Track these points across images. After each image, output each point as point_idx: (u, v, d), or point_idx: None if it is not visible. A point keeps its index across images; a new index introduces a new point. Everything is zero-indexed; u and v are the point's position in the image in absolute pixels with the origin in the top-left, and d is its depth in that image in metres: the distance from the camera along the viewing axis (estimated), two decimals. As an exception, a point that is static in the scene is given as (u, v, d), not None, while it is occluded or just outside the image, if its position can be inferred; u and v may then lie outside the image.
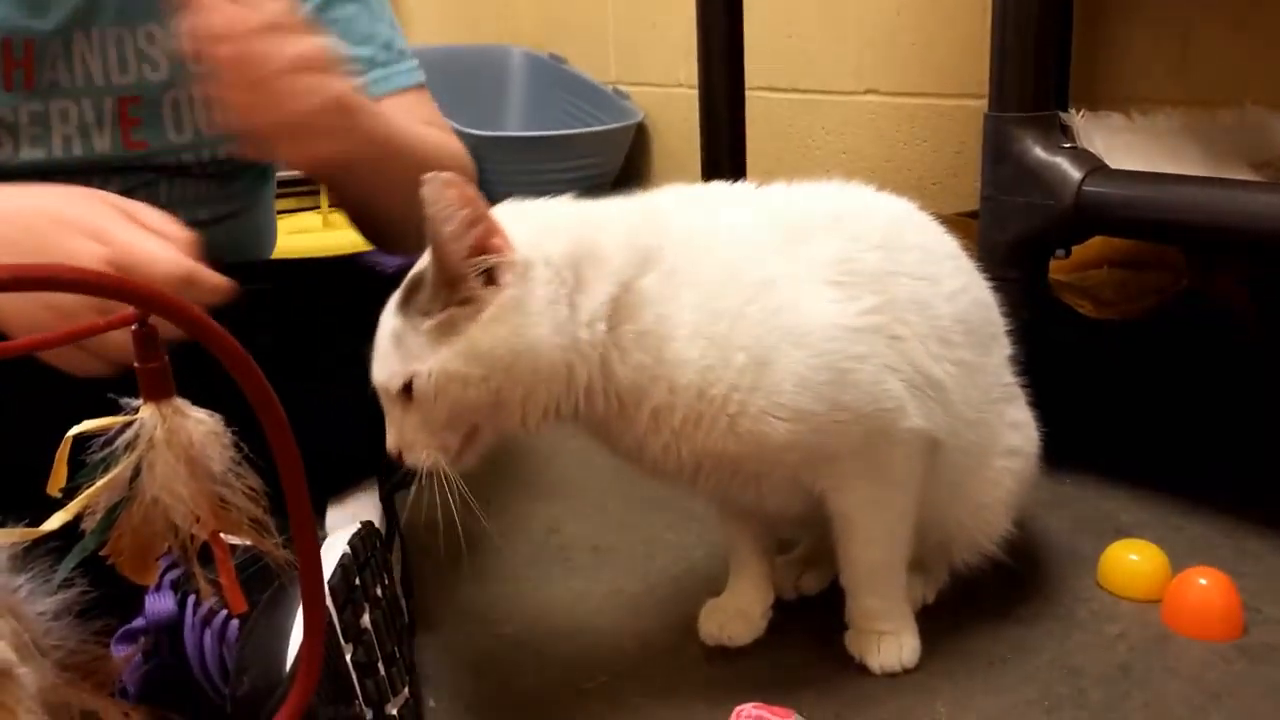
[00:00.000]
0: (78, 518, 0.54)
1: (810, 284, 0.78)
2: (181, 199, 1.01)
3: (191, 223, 0.99)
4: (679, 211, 0.81)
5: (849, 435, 0.79)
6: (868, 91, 2.09)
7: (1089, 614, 0.97)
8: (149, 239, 0.70)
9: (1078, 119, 1.17)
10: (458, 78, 2.68)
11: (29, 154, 0.92)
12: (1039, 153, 1.13)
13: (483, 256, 0.72)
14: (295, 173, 2.04)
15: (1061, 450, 1.24)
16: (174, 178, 1.00)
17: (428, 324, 0.73)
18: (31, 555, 0.56)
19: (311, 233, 1.94)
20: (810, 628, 0.96)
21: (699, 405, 0.76)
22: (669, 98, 2.60)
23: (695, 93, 2.51)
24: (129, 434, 0.52)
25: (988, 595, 1.00)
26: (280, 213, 2.02)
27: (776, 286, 0.77)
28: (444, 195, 0.70)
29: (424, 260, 0.74)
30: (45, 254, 0.68)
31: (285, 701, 0.59)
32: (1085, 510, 1.16)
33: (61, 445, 0.52)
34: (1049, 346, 1.19)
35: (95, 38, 0.92)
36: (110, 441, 0.53)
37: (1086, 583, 1.02)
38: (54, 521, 0.51)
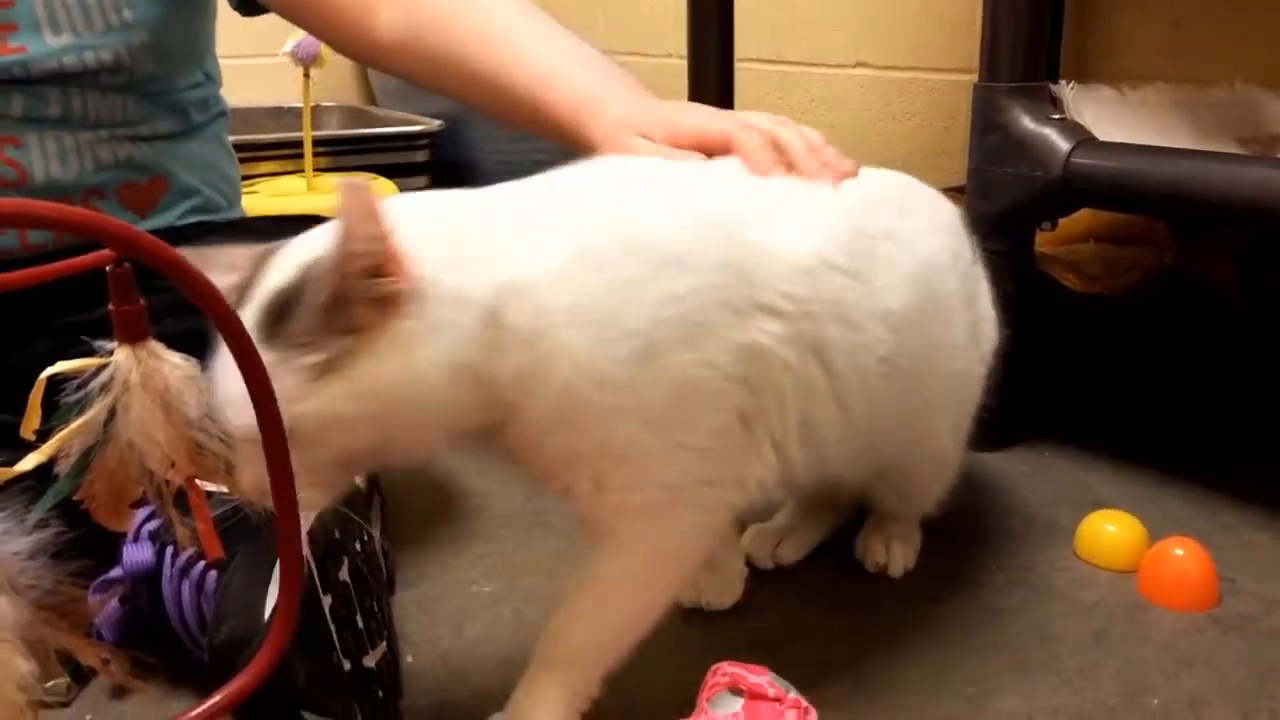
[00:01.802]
0: (51, 459, 0.53)
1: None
2: (99, 116, 1.00)
3: (117, 139, 1.00)
4: (576, 193, 0.74)
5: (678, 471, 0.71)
6: (858, 65, 2.08)
7: (1065, 583, 0.98)
8: None
9: (1067, 91, 1.16)
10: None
11: None
12: (1027, 123, 1.13)
13: (377, 280, 0.62)
14: (280, 135, 2.05)
15: (1042, 422, 1.25)
16: (74, 89, 0.97)
17: (308, 359, 0.61)
18: (6, 495, 0.55)
19: (295, 196, 1.93)
20: (787, 594, 0.96)
21: (565, 403, 0.68)
22: (658, 68, 2.59)
23: (685, 63, 2.51)
24: (103, 376, 0.52)
25: (965, 562, 1.01)
26: (263, 175, 2.01)
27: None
28: (352, 204, 0.60)
29: (289, 277, 0.63)
30: None
31: (261, 649, 0.59)
32: (1064, 481, 1.16)
33: (35, 387, 0.51)
34: (1033, 319, 1.20)
35: None
36: (85, 384, 0.52)
37: (1064, 552, 1.02)
38: (28, 462, 0.50)
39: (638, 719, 0.79)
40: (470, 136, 2.41)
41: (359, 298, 0.61)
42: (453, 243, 0.67)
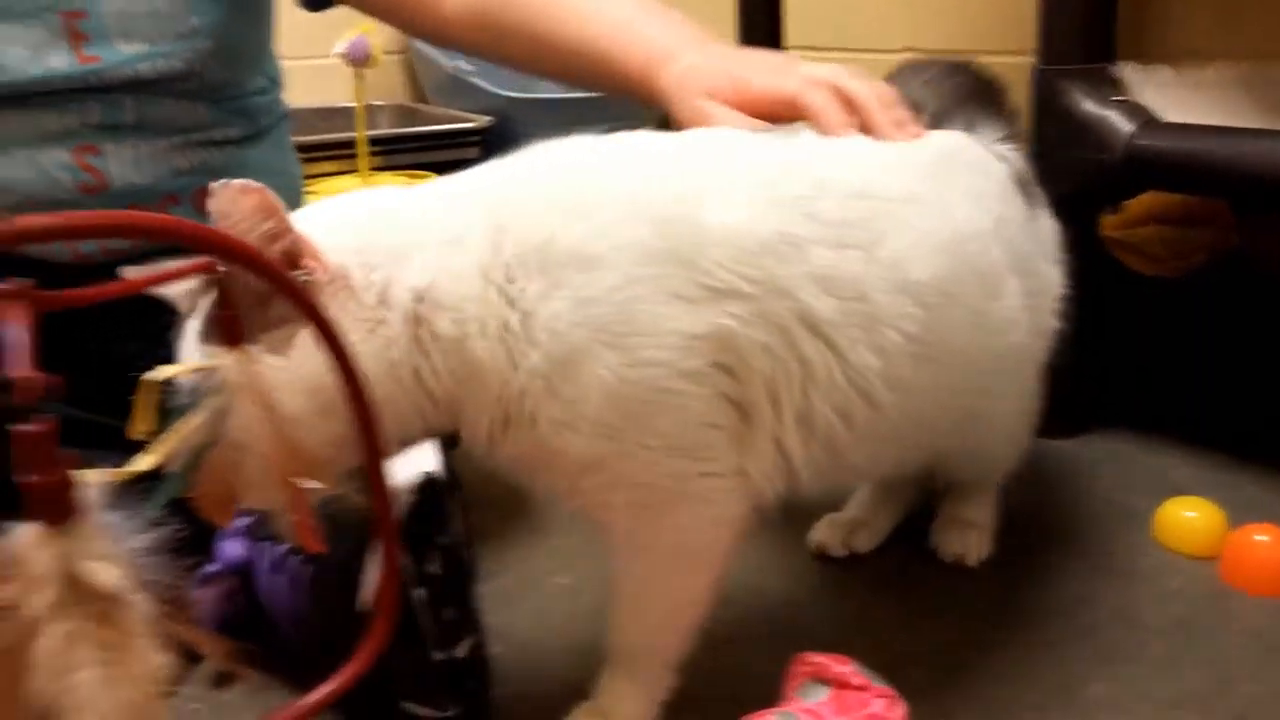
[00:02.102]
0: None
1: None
2: (173, 123, 1.02)
3: (190, 145, 1.02)
4: (509, 184, 0.71)
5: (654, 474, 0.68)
6: (904, 49, 2.07)
7: (1147, 569, 0.97)
8: None
9: (1128, 72, 1.15)
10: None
11: None
12: (1089, 106, 1.12)
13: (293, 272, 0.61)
14: (333, 136, 2.07)
15: (1113, 407, 1.24)
16: (146, 96, 0.99)
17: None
18: (120, 494, 0.56)
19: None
20: (864, 584, 0.97)
21: (500, 408, 0.66)
22: (798, 66, 2.58)
23: (827, 67, 2.50)
24: (211, 380, 0.53)
25: (1044, 551, 1.00)
26: (318, 176, 2.03)
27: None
28: (239, 206, 0.58)
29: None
30: None
31: (365, 640, 0.60)
32: (1138, 467, 1.15)
33: (143, 389, 0.53)
34: (1100, 303, 1.19)
35: None
36: (192, 388, 0.54)
37: (1143, 539, 1.02)
38: (144, 463, 0.51)
39: (723, 708, 0.79)
40: (520, 131, 2.42)
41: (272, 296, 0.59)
42: (372, 240, 0.65)
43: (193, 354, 0.63)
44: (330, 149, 2.04)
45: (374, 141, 2.08)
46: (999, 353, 0.81)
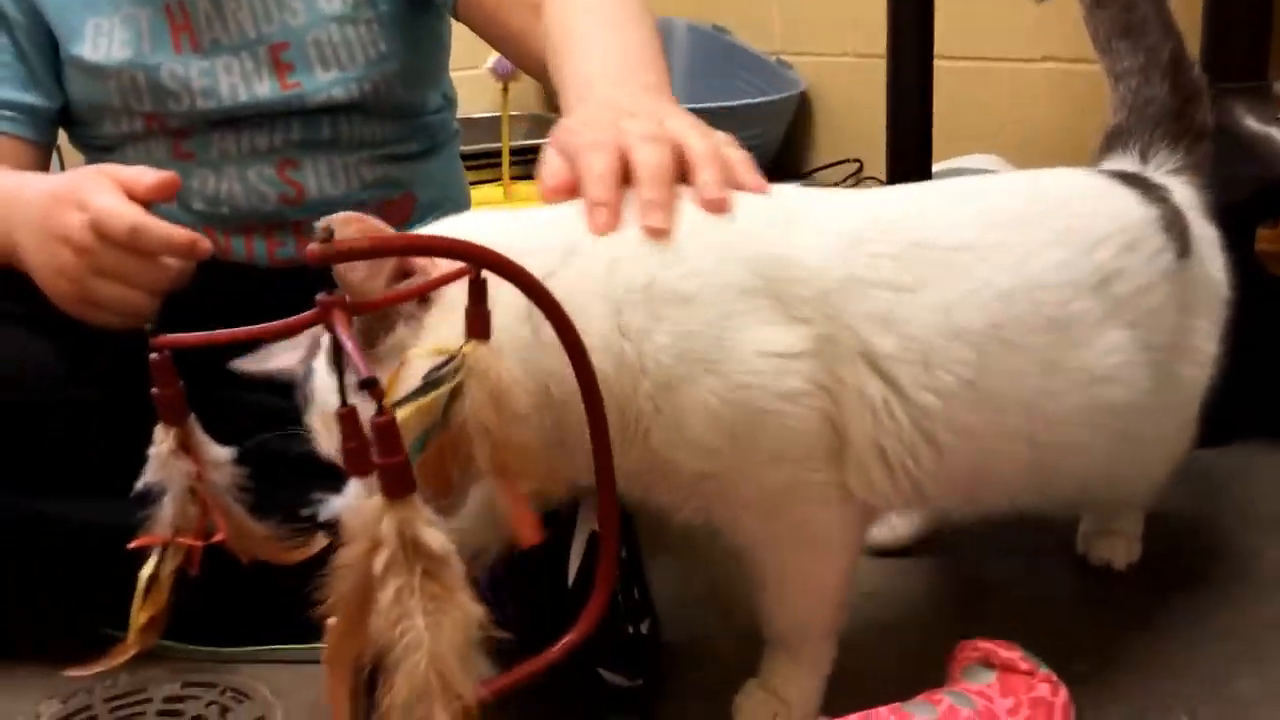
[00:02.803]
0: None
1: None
2: (362, 139, 1.11)
3: (376, 159, 1.11)
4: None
5: (764, 483, 0.72)
6: (1045, 58, 2.08)
7: (1292, 576, 0.99)
8: (115, 201, 0.80)
9: (1289, 88, 1.17)
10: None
11: (203, 104, 1.04)
12: (1251, 123, 1.14)
13: (408, 280, 0.66)
14: (477, 146, 2.16)
15: (1260, 419, 1.25)
16: (341, 116, 1.09)
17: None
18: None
19: (493, 205, 2.04)
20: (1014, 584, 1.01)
21: (619, 424, 0.69)
22: (834, 67, 2.62)
23: (860, 61, 2.54)
24: (451, 366, 0.61)
25: (1188, 557, 1.04)
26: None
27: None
28: (346, 231, 0.59)
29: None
30: (50, 226, 0.82)
31: (585, 611, 0.68)
32: (1281, 479, 1.17)
33: (397, 368, 0.61)
34: (1251, 315, 1.20)
35: None
36: (436, 370, 0.61)
37: (1292, 547, 1.04)
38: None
39: (888, 687, 0.84)
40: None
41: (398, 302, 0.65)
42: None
43: (328, 390, 0.67)
44: (475, 159, 2.12)
45: (514, 151, 2.16)
46: (1090, 407, 0.79)
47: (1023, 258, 0.77)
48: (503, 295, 0.61)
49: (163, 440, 0.62)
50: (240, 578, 0.71)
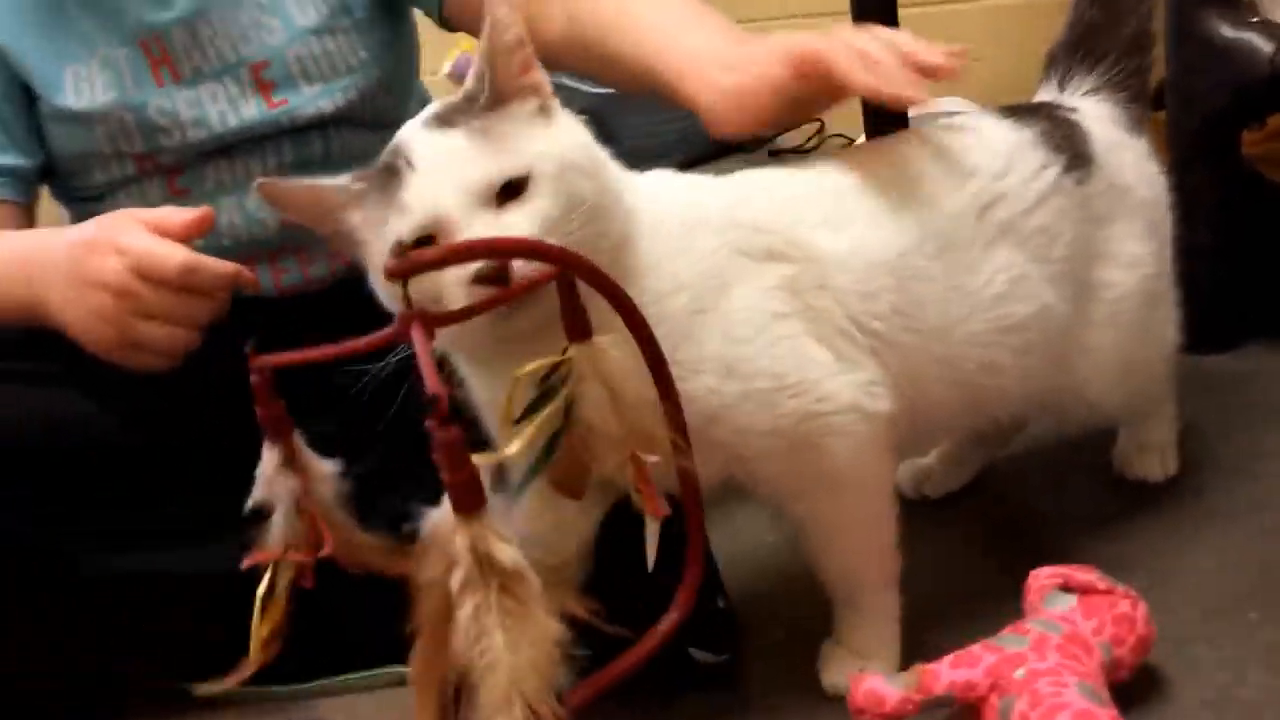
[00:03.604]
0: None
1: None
2: (353, 153, 1.07)
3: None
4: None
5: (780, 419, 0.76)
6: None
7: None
8: (155, 242, 0.82)
9: (1258, -8, 1.19)
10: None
11: (194, 135, 1.03)
12: (1226, 30, 1.16)
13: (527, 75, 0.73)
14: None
15: (1268, 321, 1.28)
16: (331, 130, 1.08)
17: (526, 107, 0.73)
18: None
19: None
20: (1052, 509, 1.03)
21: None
22: (785, 29, 2.61)
23: (812, 21, 2.53)
24: (561, 372, 0.61)
25: (1219, 459, 1.06)
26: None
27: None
28: (504, 10, 0.71)
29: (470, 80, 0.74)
30: (85, 274, 0.83)
31: (681, 592, 0.69)
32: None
33: (511, 384, 0.61)
34: (1243, 217, 1.23)
35: (215, 20, 1.03)
36: (546, 379, 0.62)
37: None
38: (513, 447, 0.60)
39: (964, 625, 0.85)
40: (612, 127, 2.49)
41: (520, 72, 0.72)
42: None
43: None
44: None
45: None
46: (995, 326, 0.85)
47: (912, 195, 0.84)
48: None
49: (269, 458, 0.63)
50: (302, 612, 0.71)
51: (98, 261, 0.82)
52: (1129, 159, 0.95)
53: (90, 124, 1.01)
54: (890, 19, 1.60)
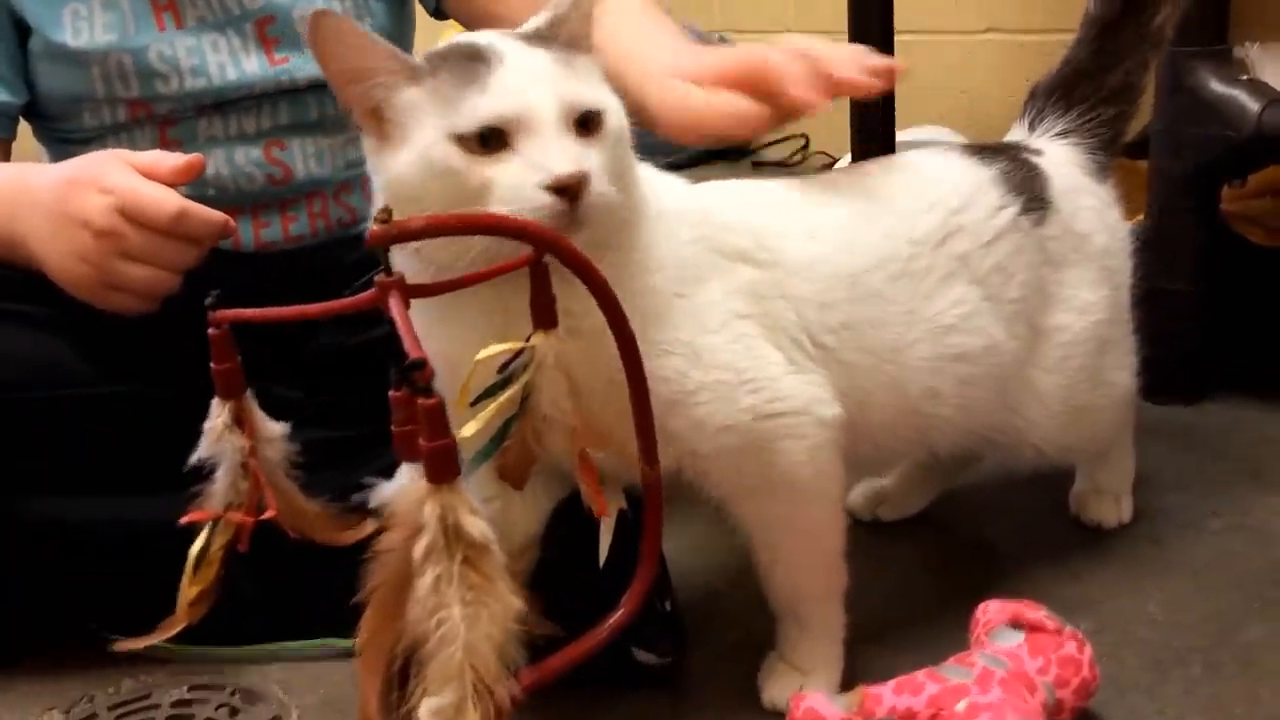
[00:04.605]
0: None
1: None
2: (346, 120, 1.07)
3: (359, 139, 1.07)
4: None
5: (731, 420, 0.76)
6: (988, 30, 2.10)
7: (1284, 526, 1.02)
8: (143, 184, 0.80)
9: (1251, 51, 1.20)
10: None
11: (192, 84, 1.00)
12: (1216, 85, 1.16)
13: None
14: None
15: (1237, 374, 1.29)
16: (327, 94, 1.04)
17: (594, 62, 0.73)
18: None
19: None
20: (1009, 541, 1.03)
21: None
22: (775, 44, 2.62)
23: (802, 38, 2.54)
24: (523, 359, 0.60)
25: (1181, 511, 1.06)
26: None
27: None
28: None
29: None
30: (68, 212, 0.81)
31: (630, 590, 0.67)
32: (1263, 431, 1.20)
33: (473, 365, 0.60)
34: (1220, 273, 1.24)
35: None
36: (506, 365, 0.60)
37: (1275, 497, 1.07)
38: (469, 429, 0.58)
39: (909, 652, 0.85)
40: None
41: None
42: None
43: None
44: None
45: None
46: (944, 355, 0.85)
47: (878, 218, 0.85)
48: None
49: (218, 415, 0.61)
50: (245, 574, 0.69)
51: (83, 199, 0.79)
52: (1088, 205, 0.94)
53: (86, 64, 0.99)
54: (888, 42, 1.61)
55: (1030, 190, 0.90)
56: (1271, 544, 0.99)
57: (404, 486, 0.54)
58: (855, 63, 0.84)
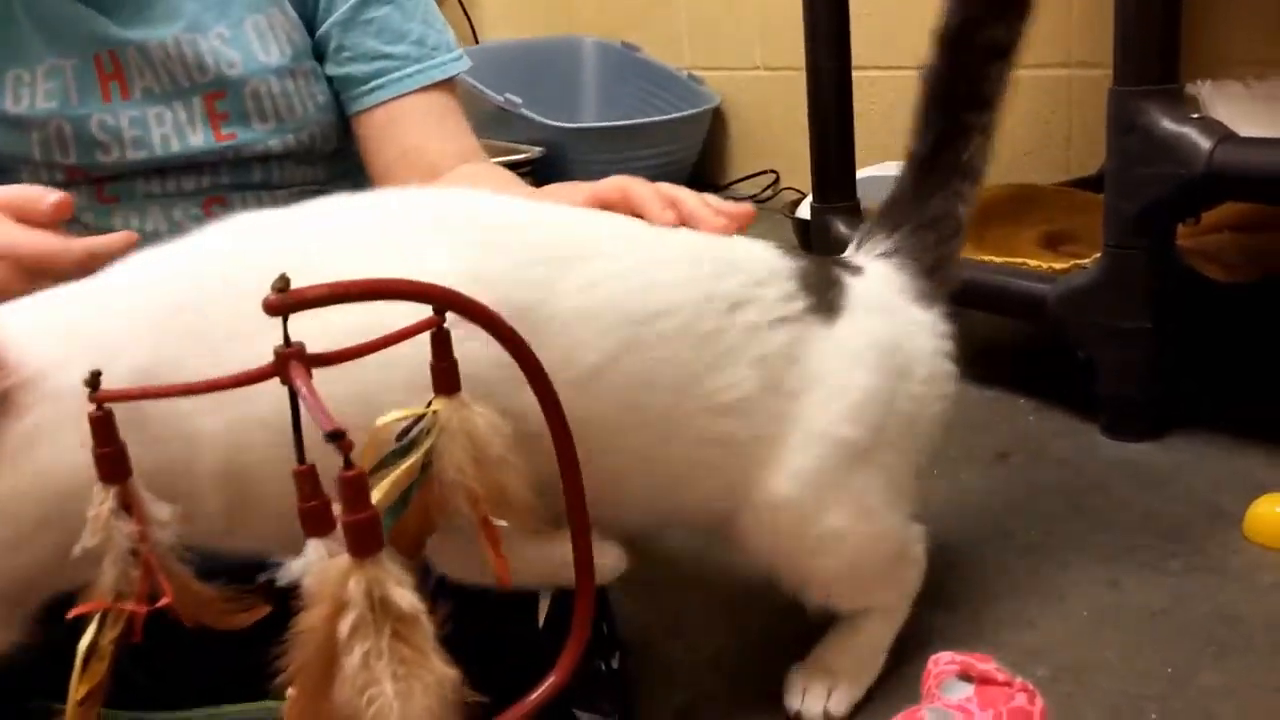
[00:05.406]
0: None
1: None
2: (293, 180, 1.09)
3: (305, 194, 1.02)
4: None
5: None
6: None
7: (1241, 566, 1.01)
8: (30, 236, 0.75)
9: (1202, 88, 1.20)
10: (532, 70, 2.75)
11: (134, 155, 1.00)
12: (1167, 124, 1.16)
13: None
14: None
15: (1194, 410, 1.29)
16: (274, 163, 1.07)
17: None
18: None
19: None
20: (969, 589, 1.02)
21: None
22: (746, 81, 2.64)
23: (771, 74, 2.56)
24: (424, 425, 0.58)
25: (1139, 552, 1.05)
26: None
27: None
28: None
29: None
30: None
31: (565, 652, 0.66)
32: (1222, 467, 1.19)
33: (371, 433, 0.58)
34: (1177, 310, 1.24)
35: (171, 45, 1.00)
36: (406, 431, 0.59)
37: (1234, 536, 1.06)
38: (374, 496, 0.56)
39: (866, 707, 0.84)
40: (569, 160, 2.50)
41: None
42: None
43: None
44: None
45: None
46: (708, 432, 0.77)
47: (653, 264, 0.76)
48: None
49: (102, 500, 0.57)
50: (174, 640, 0.67)
51: None
52: (879, 331, 0.85)
53: (25, 129, 0.98)
54: (845, 79, 1.62)
55: (823, 292, 0.83)
56: (1227, 584, 0.99)
57: (315, 562, 0.53)
58: (704, 203, 0.81)
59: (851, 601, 0.88)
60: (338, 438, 0.47)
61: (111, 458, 0.57)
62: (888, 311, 0.88)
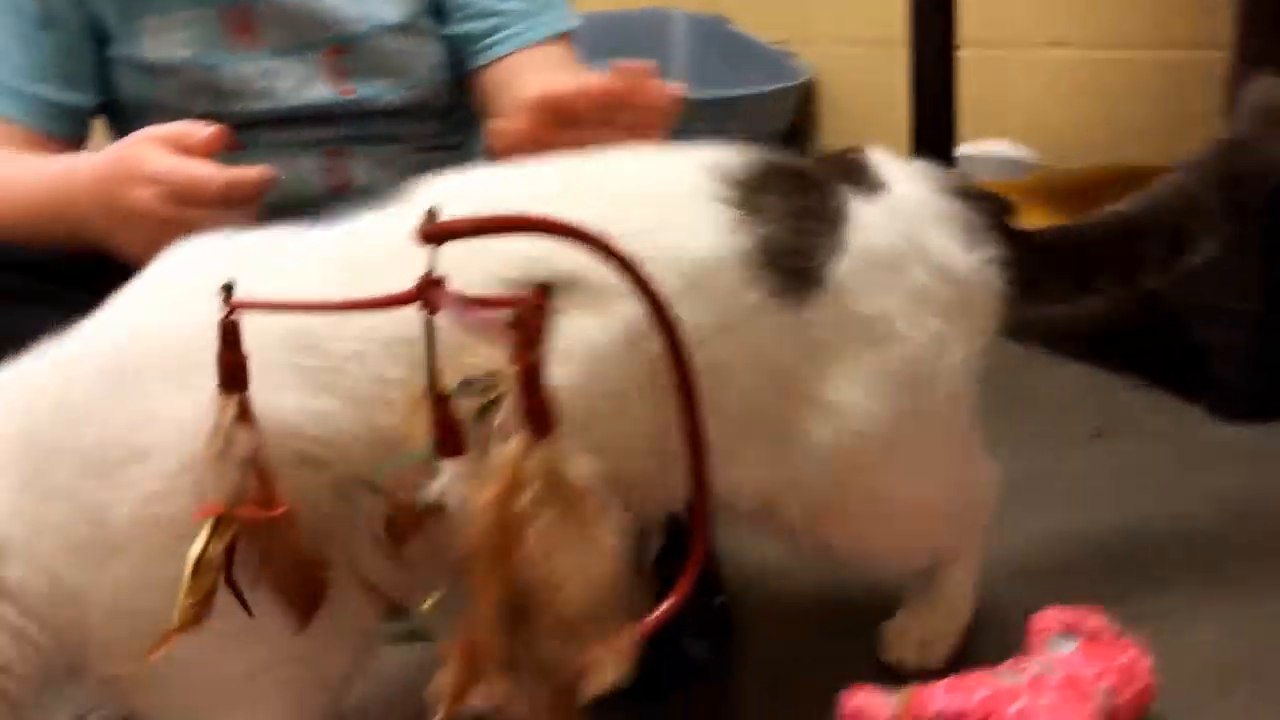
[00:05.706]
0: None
1: None
2: (409, 135, 1.11)
3: (421, 150, 1.10)
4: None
5: None
6: (1052, 44, 2.09)
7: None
8: (182, 164, 0.80)
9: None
10: (619, 43, 2.74)
11: (259, 105, 1.03)
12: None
13: None
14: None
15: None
16: (393, 117, 1.09)
17: None
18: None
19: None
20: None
21: None
22: (840, 55, 2.62)
23: (869, 49, 2.54)
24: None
25: (1247, 532, 1.04)
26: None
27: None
28: None
29: None
30: (120, 209, 0.81)
31: (683, 577, 0.67)
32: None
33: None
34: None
35: (299, 0, 1.03)
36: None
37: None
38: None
39: (970, 654, 0.85)
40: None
41: None
42: None
43: None
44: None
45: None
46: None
47: None
48: None
49: (224, 407, 0.58)
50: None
51: (131, 194, 0.81)
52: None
53: (160, 76, 1.02)
54: (948, 54, 1.61)
55: (797, 261, 0.71)
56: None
57: (451, 481, 0.55)
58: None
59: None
60: (521, 323, 0.49)
61: (235, 365, 0.59)
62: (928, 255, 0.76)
